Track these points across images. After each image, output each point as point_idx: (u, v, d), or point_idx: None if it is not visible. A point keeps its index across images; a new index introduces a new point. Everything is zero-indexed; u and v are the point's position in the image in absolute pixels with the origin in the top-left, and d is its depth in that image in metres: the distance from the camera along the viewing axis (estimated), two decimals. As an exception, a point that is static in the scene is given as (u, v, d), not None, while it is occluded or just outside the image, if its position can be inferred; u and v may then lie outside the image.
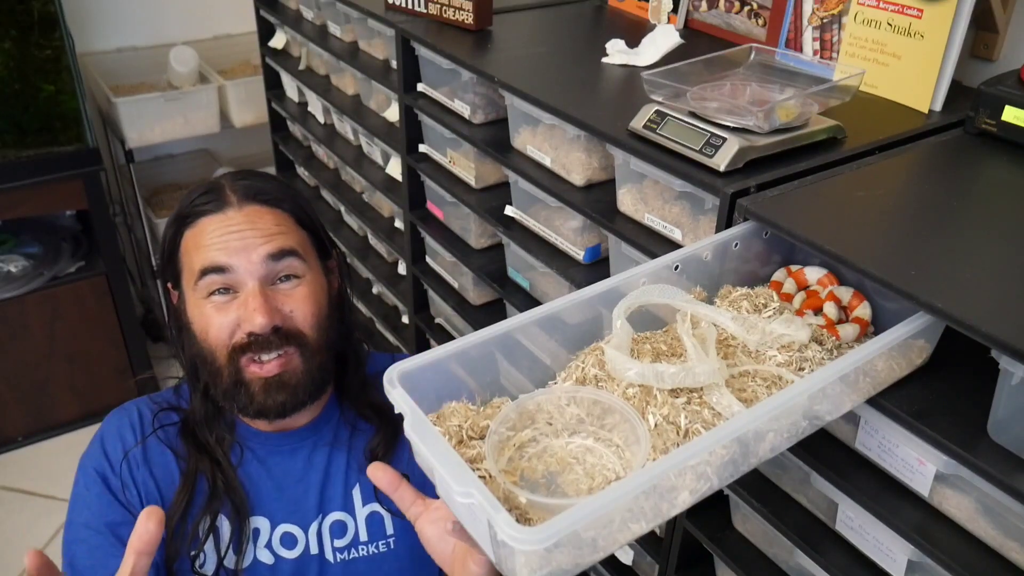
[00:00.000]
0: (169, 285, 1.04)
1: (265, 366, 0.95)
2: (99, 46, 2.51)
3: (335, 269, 1.09)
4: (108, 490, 0.99)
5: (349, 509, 1.05)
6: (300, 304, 0.97)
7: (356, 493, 1.06)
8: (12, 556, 2.08)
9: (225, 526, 1.00)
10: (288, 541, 1.03)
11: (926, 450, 0.79)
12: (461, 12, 1.44)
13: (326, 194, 2.18)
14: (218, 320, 0.95)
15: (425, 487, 1.06)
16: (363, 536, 1.05)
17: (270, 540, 1.02)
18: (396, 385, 0.69)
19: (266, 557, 1.01)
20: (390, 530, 1.06)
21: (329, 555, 1.04)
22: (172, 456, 1.02)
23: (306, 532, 1.03)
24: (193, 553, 0.98)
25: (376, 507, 1.06)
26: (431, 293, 1.72)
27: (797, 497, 0.97)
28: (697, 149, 0.97)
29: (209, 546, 0.99)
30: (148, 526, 0.69)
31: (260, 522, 1.02)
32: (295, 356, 0.96)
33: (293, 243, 0.98)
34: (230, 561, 0.99)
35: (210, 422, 1.02)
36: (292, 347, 0.96)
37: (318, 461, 1.05)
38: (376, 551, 1.05)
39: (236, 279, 0.95)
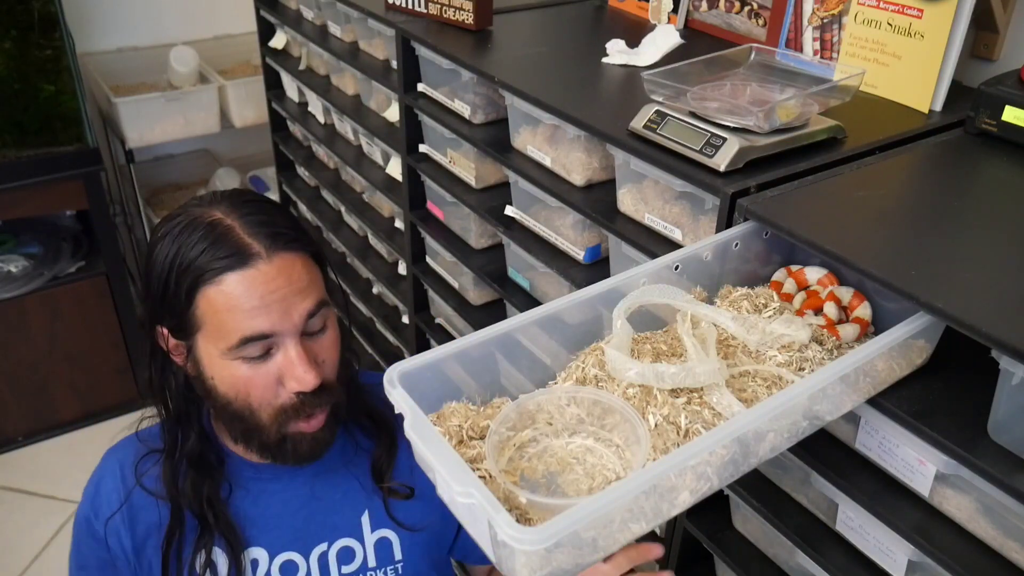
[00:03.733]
0: (165, 330, 0.92)
1: (313, 421, 0.92)
2: (99, 46, 2.51)
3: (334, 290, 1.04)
4: (91, 535, 1.00)
5: (357, 535, 1.03)
6: (330, 352, 0.93)
7: (365, 519, 1.04)
8: (12, 556, 2.08)
9: (222, 562, 0.98)
10: (288, 569, 1.01)
11: (926, 450, 0.79)
12: (461, 12, 1.44)
13: (326, 194, 2.18)
14: (259, 380, 0.89)
15: (424, 494, 1.06)
16: (371, 562, 1.03)
17: (269, 570, 1.00)
18: (396, 385, 0.69)
19: None
20: (398, 555, 1.04)
21: None
22: (155, 502, 0.98)
23: (307, 559, 1.01)
24: None
25: (385, 532, 1.04)
26: (431, 293, 1.72)
27: (797, 497, 0.97)
28: (697, 149, 0.97)
29: None
30: None
31: (258, 553, 1.00)
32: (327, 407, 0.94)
33: (322, 292, 0.93)
34: None
35: (200, 462, 0.98)
36: (332, 402, 0.93)
37: (321, 487, 1.03)
38: None
39: (276, 341, 0.88)
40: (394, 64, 1.59)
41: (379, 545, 1.04)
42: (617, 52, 1.33)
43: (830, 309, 0.85)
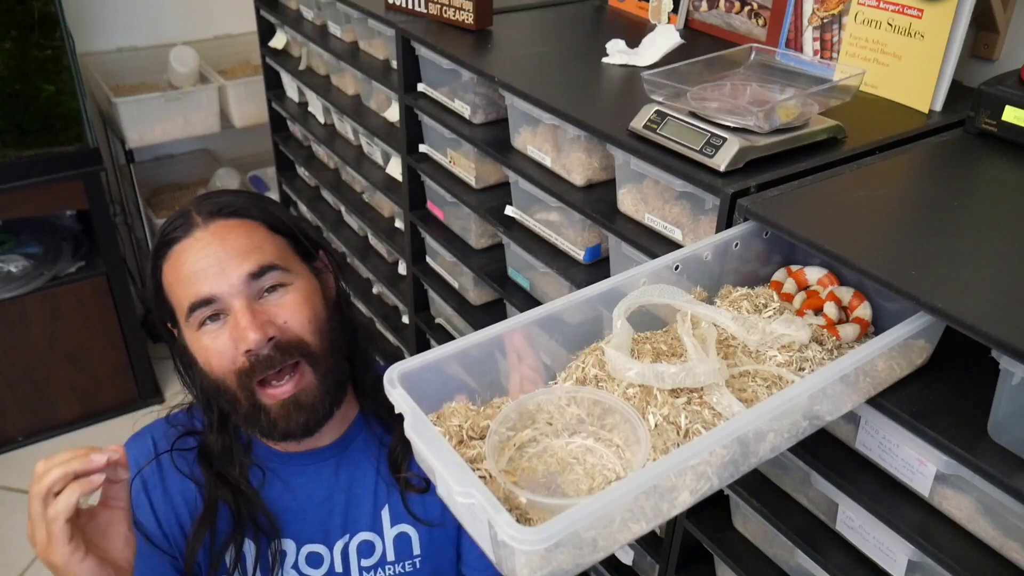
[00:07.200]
0: (168, 325, 0.99)
1: (279, 388, 0.92)
2: (99, 46, 2.51)
3: (324, 268, 1.04)
4: (135, 524, 0.98)
5: (377, 529, 1.04)
6: (293, 312, 0.93)
7: (385, 513, 1.04)
8: (12, 556, 2.08)
9: (250, 551, 0.98)
10: (314, 560, 1.02)
11: (926, 450, 0.79)
12: (461, 12, 1.44)
13: (326, 194, 2.18)
14: (216, 348, 0.91)
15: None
16: (390, 556, 1.04)
17: (296, 561, 1.01)
18: (396, 385, 0.69)
19: None
20: (417, 551, 1.05)
21: (355, 574, 1.03)
22: (192, 485, 1.00)
23: (331, 550, 1.02)
24: None
25: (404, 528, 1.05)
26: (431, 293, 1.72)
27: (797, 497, 0.97)
28: (697, 149, 0.97)
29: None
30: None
31: (286, 544, 1.01)
32: (306, 372, 0.93)
33: (270, 256, 0.93)
34: None
35: (228, 453, 1.00)
36: (298, 359, 0.92)
37: (343, 480, 1.03)
38: (402, 571, 1.05)
39: (223, 305, 0.91)
40: (394, 64, 1.58)
41: (398, 540, 1.05)
42: (617, 52, 1.33)
43: (830, 309, 0.85)
